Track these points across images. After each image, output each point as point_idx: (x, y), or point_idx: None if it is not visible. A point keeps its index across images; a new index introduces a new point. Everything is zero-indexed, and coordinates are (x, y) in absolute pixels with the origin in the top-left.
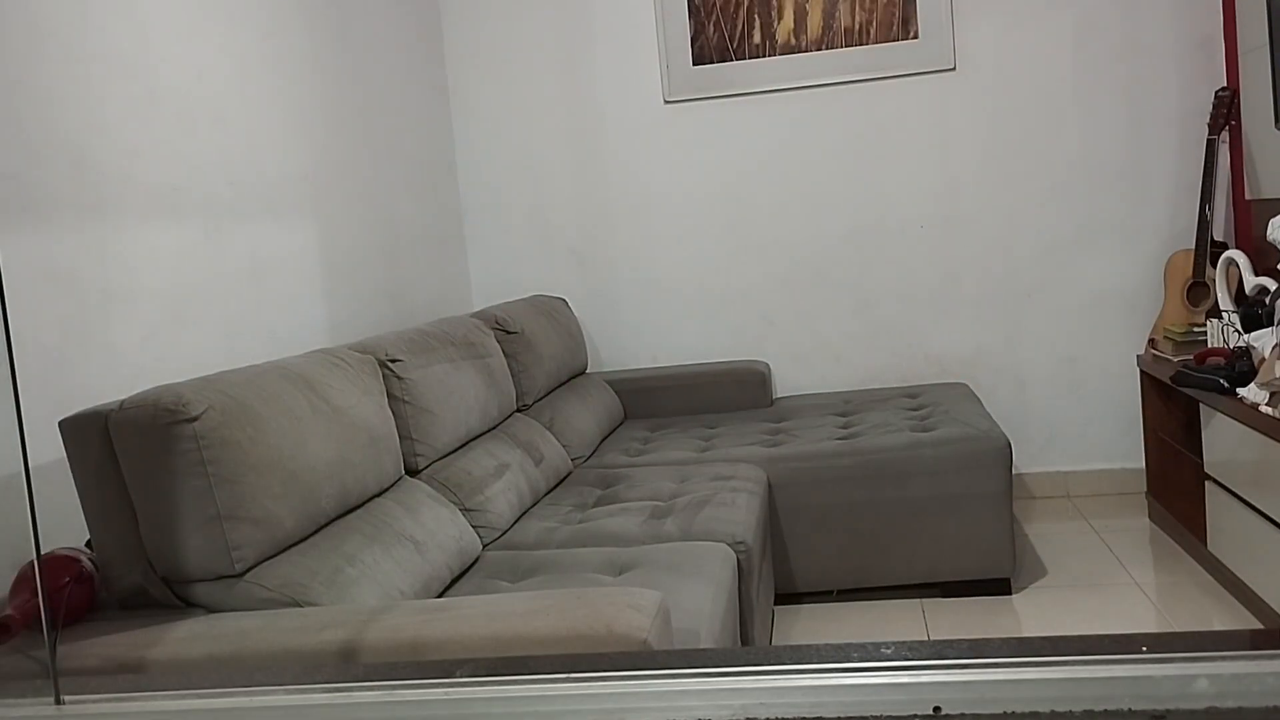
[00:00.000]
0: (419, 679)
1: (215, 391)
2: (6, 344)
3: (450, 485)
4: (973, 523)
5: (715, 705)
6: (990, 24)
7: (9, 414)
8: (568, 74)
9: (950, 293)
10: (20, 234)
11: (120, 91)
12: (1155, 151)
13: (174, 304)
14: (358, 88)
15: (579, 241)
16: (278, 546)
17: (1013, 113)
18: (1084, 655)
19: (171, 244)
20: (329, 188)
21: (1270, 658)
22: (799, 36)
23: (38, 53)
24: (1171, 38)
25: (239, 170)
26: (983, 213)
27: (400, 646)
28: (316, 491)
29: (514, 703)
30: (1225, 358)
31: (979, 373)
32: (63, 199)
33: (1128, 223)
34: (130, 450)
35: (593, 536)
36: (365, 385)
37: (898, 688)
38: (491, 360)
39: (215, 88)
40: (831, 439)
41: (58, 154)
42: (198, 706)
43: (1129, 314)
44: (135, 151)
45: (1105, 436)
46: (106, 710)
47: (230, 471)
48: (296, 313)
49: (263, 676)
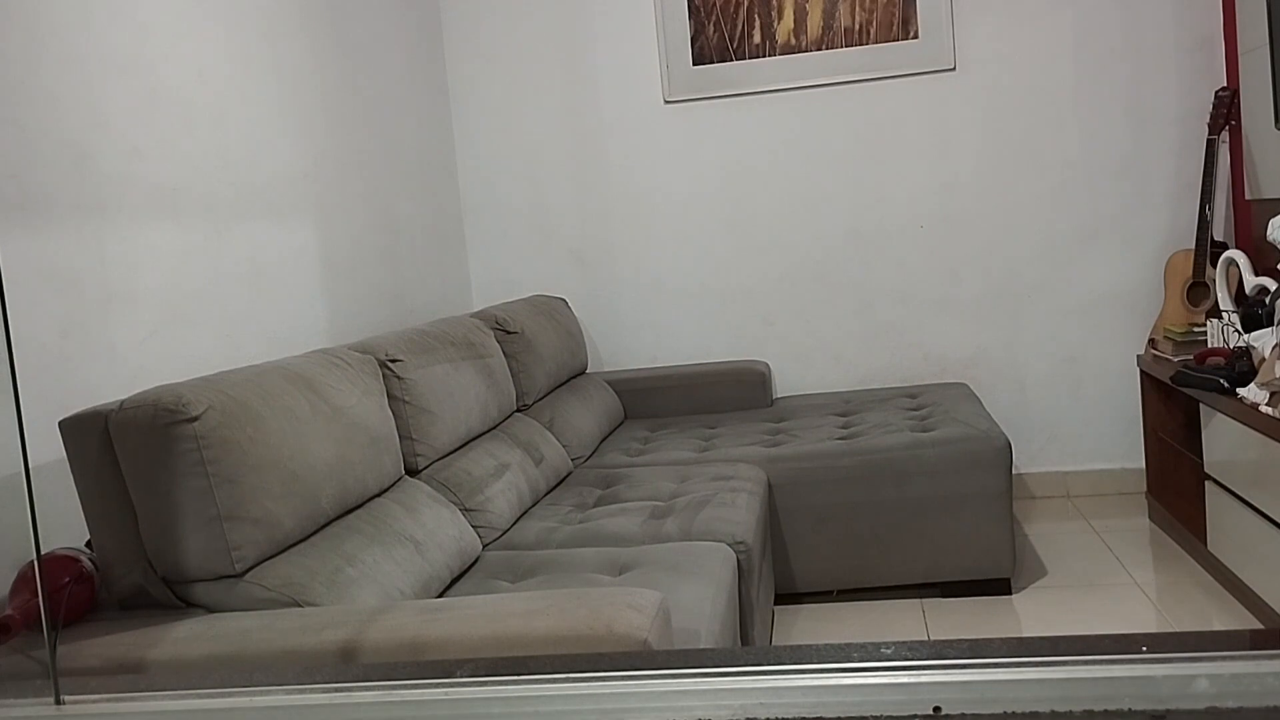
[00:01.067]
0: (419, 679)
1: (215, 391)
2: (7, 344)
3: (450, 485)
4: (973, 523)
5: (715, 705)
6: (990, 24)
7: (9, 414)
8: (568, 74)
9: (950, 293)
10: (21, 234)
11: (121, 91)
12: (1155, 151)
13: (174, 304)
14: (358, 88)
15: (579, 241)
16: (278, 546)
17: (1013, 113)
18: (1084, 655)
19: (172, 244)
20: (330, 188)
21: (1270, 658)
22: (799, 36)
23: (38, 52)
24: (1171, 38)
25: (239, 170)
26: (983, 213)
27: (400, 646)
28: (316, 491)
29: (514, 703)
30: (1225, 358)
31: (979, 373)
32: (63, 199)
33: (1128, 223)
34: (130, 450)
35: (593, 536)
36: (365, 385)
37: (898, 688)
38: (491, 360)
39: (216, 87)
40: (831, 439)
41: (58, 153)
42: (198, 707)
43: (1129, 314)
44: (136, 151)
45: (1105, 436)
46: (106, 710)
47: (230, 471)
48: (296, 313)
49: (263, 676)
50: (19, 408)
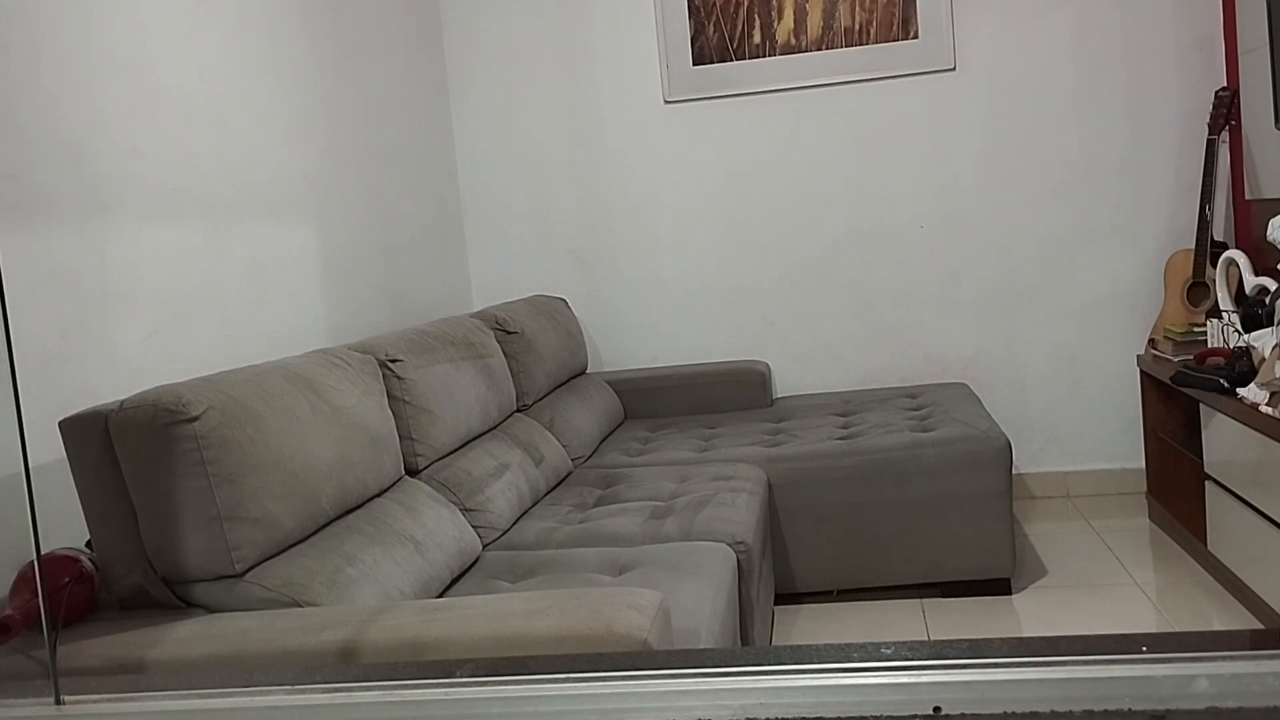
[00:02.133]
0: (419, 679)
1: (215, 391)
2: (7, 344)
3: (450, 485)
4: (973, 523)
5: (715, 705)
6: (990, 24)
7: (9, 414)
8: (568, 74)
9: (950, 293)
10: (21, 234)
11: (121, 91)
12: (1155, 151)
13: (174, 304)
14: (358, 88)
15: (579, 241)
16: (278, 546)
17: (1012, 113)
18: (1084, 655)
19: (172, 244)
20: (330, 188)
21: (1270, 658)
22: (799, 36)
23: (38, 52)
24: (1171, 38)
25: (239, 170)
26: (983, 212)
27: (400, 646)
28: (317, 491)
29: (514, 703)
30: (1225, 358)
31: (979, 373)
32: (63, 198)
33: (1128, 223)
34: (130, 450)
35: (593, 536)
36: (365, 385)
37: (898, 688)
38: (491, 360)
39: (216, 87)
40: (831, 439)
41: (58, 153)
42: (198, 707)
43: (1129, 314)
44: (136, 151)
45: (1105, 436)
46: (106, 710)
47: (230, 471)
48: (296, 313)
49: (263, 677)
50: (19, 408)
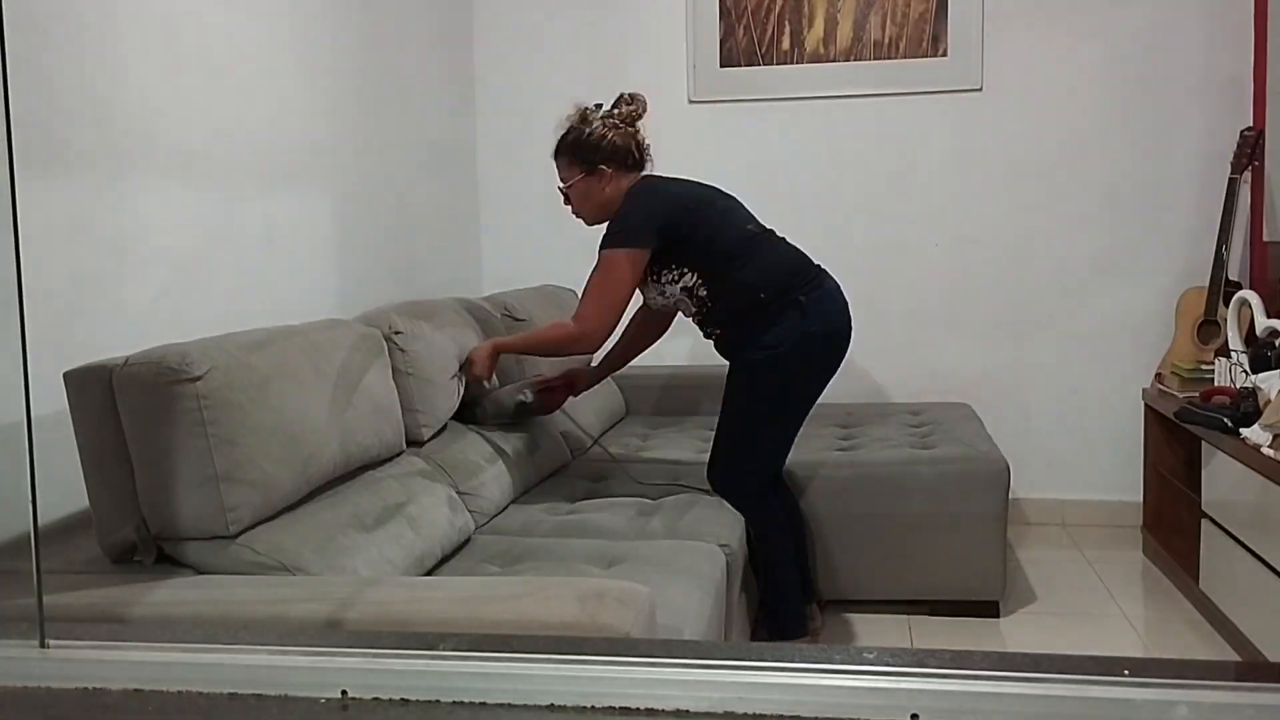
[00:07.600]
0: (402, 649)
1: (220, 353)
2: (19, 295)
3: (447, 467)
4: (965, 543)
5: (694, 696)
6: (1020, 48)
7: (15, 365)
8: (595, 67)
9: (960, 312)
10: (41, 182)
11: (148, 51)
12: (1176, 187)
13: (186, 265)
14: (385, 65)
15: (593, 235)
16: (273, 510)
17: (1036, 138)
18: (1066, 674)
19: (188, 206)
20: (349, 163)
21: (1252, 690)
22: (828, 46)
23: (69, 9)
24: (1200, 74)
25: (259, 137)
26: (998, 235)
27: (384, 621)
28: (316, 458)
29: (494, 679)
30: (1231, 397)
31: (983, 394)
32: (85, 152)
33: (1143, 256)
34: (132, 406)
35: (582, 528)
36: (370, 355)
37: (876, 692)
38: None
39: (242, 53)
40: (830, 450)
41: (84, 107)
42: (179, 660)
43: (1137, 347)
44: (159, 111)
45: (1105, 467)
46: (90, 656)
47: (230, 433)
48: (306, 283)
49: (247, 635)
50: (25, 359)
